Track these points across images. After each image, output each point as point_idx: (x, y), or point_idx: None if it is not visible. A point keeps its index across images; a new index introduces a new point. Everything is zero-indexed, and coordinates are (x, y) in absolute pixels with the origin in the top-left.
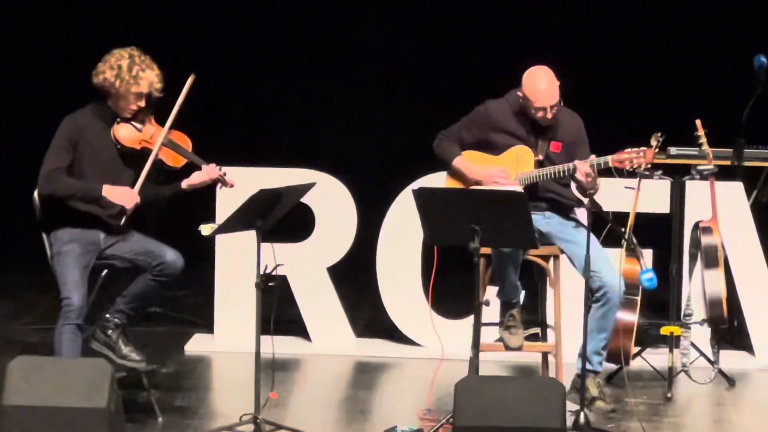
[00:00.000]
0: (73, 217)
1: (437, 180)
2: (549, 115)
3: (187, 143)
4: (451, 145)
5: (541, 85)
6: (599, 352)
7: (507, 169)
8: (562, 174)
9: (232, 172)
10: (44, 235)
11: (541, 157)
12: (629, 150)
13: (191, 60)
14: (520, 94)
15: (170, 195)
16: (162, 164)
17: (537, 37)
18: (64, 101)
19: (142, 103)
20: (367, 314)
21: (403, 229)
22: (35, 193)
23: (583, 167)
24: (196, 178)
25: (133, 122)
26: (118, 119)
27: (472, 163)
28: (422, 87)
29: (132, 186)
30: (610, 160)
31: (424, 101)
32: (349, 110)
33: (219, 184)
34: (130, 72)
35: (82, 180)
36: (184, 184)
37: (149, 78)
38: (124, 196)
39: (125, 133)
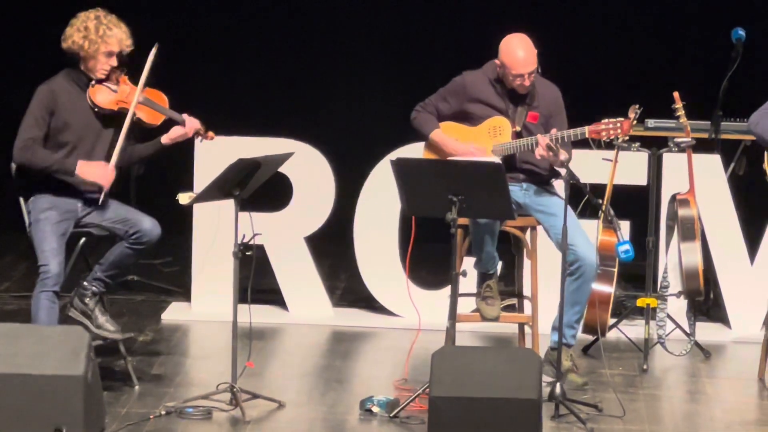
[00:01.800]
0: (51, 184)
1: (416, 150)
2: (527, 83)
3: (163, 100)
4: (428, 118)
5: (518, 52)
6: (572, 325)
7: (484, 147)
8: (526, 148)
9: (210, 142)
10: (22, 202)
11: (518, 128)
12: (606, 121)
13: (168, 26)
14: (497, 62)
15: (152, 152)
16: (141, 123)
17: (515, 8)
18: (39, 68)
19: (114, 62)
20: (344, 284)
21: (380, 200)
22: (13, 164)
23: (543, 141)
24: (175, 132)
25: (107, 84)
26: (93, 82)
27: (449, 137)
28: (400, 57)
29: (112, 148)
30: (587, 130)
31: (402, 71)
32: (328, 79)
33: (199, 138)
34: (98, 32)
35: (59, 153)
36: (164, 139)
37: (117, 35)
38: (99, 173)
39: (101, 96)
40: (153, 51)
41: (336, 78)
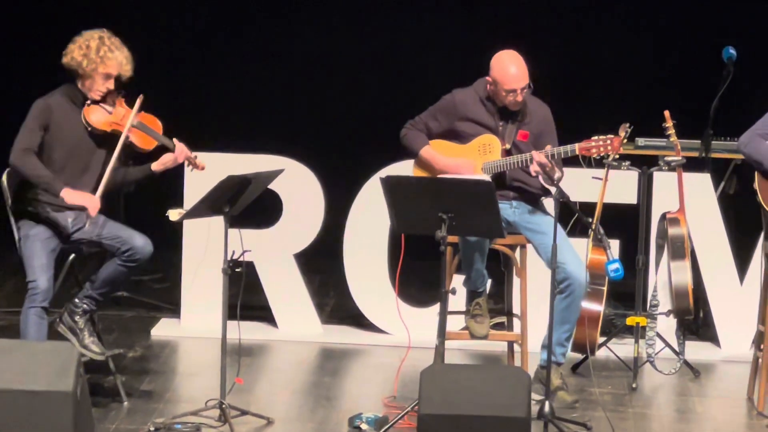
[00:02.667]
0: (43, 204)
1: (405, 168)
2: (519, 98)
3: (157, 126)
4: (418, 135)
5: (510, 68)
6: (562, 343)
7: (473, 162)
8: (520, 164)
9: (200, 158)
10: (12, 218)
11: (508, 146)
12: (596, 138)
13: (160, 46)
14: (488, 79)
15: (141, 177)
16: (133, 147)
17: (506, 26)
18: (36, 84)
19: (111, 85)
20: (334, 301)
21: (370, 217)
22: (3, 177)
23: (538, 158)
24: (165, 159)
25: (103, 104)
26: (89, 101)
27: (438, 153)
28: (391, 74)
29: (103, 169)
30: (577, 147)
31: (392, 88)
32: (318, 97)
33: (189, 166)
34: (98, 52)
35: (51, 170)
36: (155, 166)
37: (117, 59)
38: (86, 201)
39: (96, 116)
40: (138, 102)
41: (326, 95)
